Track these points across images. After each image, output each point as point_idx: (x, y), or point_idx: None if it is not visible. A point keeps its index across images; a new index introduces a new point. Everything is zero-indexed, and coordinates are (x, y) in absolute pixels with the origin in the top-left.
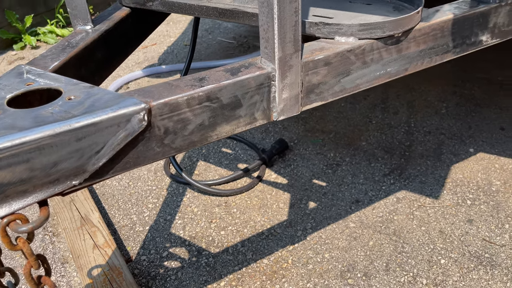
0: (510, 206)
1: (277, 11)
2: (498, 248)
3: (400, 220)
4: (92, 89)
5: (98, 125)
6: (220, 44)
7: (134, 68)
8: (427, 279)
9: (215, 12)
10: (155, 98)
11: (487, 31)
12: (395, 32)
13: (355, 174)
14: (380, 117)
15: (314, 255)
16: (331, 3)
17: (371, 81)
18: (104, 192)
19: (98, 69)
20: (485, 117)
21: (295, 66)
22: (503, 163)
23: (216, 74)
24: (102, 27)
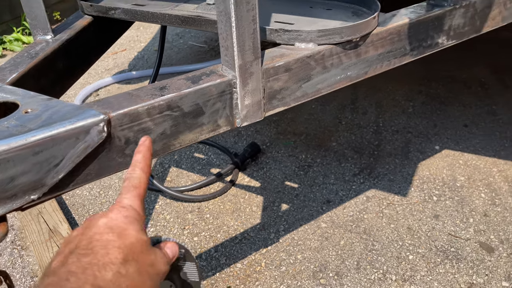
0: (474, 200)
1: (235, 19)
2: (463, 242)
3: (370, 219)
4: (50, 102)
5: (56, 138)
6: (191, 49)
7: (104, 75)
8: (396, 275)
9: (177, 20)
10: (115, 108)
11: (442, 33)
12: (353, 37)
13: (326, 175)
14: (350, 118)
15: (287, 257)
16: (292, 8)
17: (332, 85)
18: (74, 203)
19: (59, 79)
20: (450, 115)
21: (255, 73)
22: (467, 159)
23: (177, 82)
24: (63, 36)
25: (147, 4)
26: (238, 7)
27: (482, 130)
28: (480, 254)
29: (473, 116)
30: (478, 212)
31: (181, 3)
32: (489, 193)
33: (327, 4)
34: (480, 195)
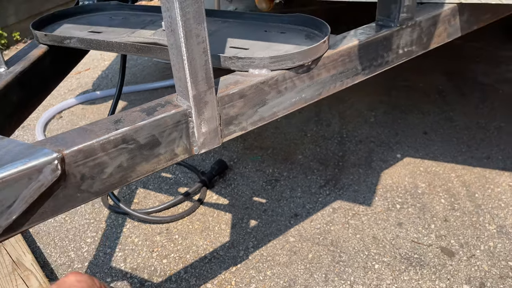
0: (434, 206)
1: (185, 52)
2: (425, 248)
3: (337, 230)
4: (2, 141)
5: (7, 180)
6: (156, 66)
7: (67, 96)
8: (363, 286)
9: (133, 48)
10: (68, 145)
11: (392, 52)
12: (305, 62)
13: (293, 188)
14: (315, 130)
15: (256, 274)
16: (248, 33)
17: (287, 108)
18: (39, 231)
19: (13, 113)
20: (410, 123)
21: (210, 102)
22: (427, 166)
23: (132, 115)
24: (17, 68)
25: (104, 31)
26: (188, 40)
27: (440, 137)
28: (442, 259)
29: (432, 123)
30: (439, 217)
31: (138, 29)
32: (448, 199)
33: (281, 27)
34: (440, 201)
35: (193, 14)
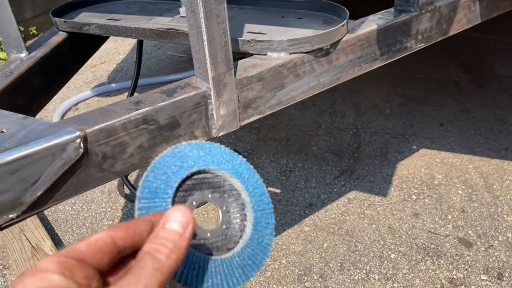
0: (451, 197)
1: (206, 33)
2: (442, 239)
3: (352, 220)
4: (26, 120)
5: (32, 157)
6: (171, 59)
7: (83, 88)
8: (379, 274)
9: (152, 34)
10: (91, 124)
11: (410, 37)
12: (323, 45)
13: (308, 179)
14: (329, 121)
15: (271, 262)
16: (265, 18)
17: (306, 92)
18: (57, 218)
19: (35, 97)
20: (426, 114)
21: (229, 84)
22: (444, 157)
23: (152, 96)
24: (38, 53)
25: (122, 19)
26: (209, 20)
27: (457, 128)
28: (459, 250)
29: (449, 115)
30: (456, 208)
31: (155, 16)
32: (466, 190)
33: (299, 13)
34: (457, 192)
35: None
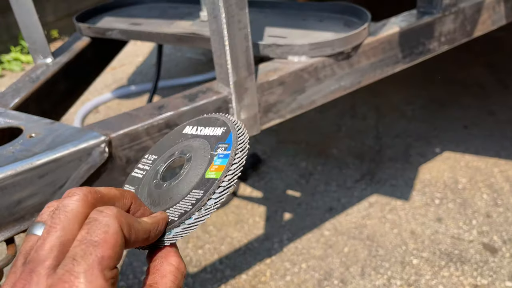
0: (476, 202)
1: (227, 38)
2: (466, 244)
3: (373, 224)
4: (53, 125)
5: (60, 161)
6: (190, 61)
7: (103, 91)
8: (401, 280)
9: (173, 38)
10: (115, 129)
11: (433, 40)
12: (345, 49)
13: (328, 182)
14: (349, 124)
15: (291, 266)
16: (286, 21)
17: (326, 96)
18: None
19: (60, 101)
20: (449, 116)
21: (250, 89)
22: (468, 161)
23: (175, 101)
24: (63, 59)
25: (143, 23)
26: (230, 26)
27: (482, 131)
28: (484, 256)
29: (473, 117)
30: (481, 213)
31: (176, 20)
32: (491, 194)
33: (319, 16)
34: (482, 196)
35: (236, 0)
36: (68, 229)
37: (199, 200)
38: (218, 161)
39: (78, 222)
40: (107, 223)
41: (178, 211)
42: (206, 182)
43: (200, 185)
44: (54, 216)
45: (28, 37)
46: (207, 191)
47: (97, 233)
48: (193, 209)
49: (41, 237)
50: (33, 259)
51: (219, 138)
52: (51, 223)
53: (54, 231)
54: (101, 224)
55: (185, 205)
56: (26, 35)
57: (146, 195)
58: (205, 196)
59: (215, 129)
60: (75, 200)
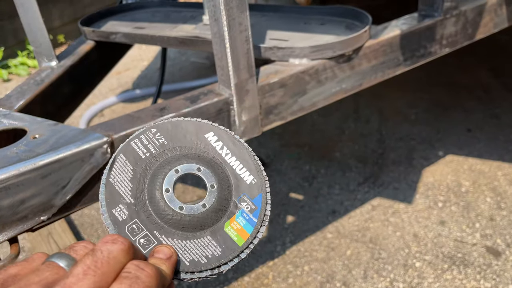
0: (479, 205)
1: (228, 40)
2: (470, 247)
3: (376, 227)
4: (57, 126)
5: (63, 161)
6: (193, 65)
7: (108, 95)
8: (403, 283)
9: (176, 42)
10: (117, 131)
11: (435, 42)
12: (345, 51)
13: (331, 185)
14: (353, 127)
15: (293, 268)
16: (287, 25)
17: (327, 98)
18: (83, 222)
19: (65, 104)
20: (453, 120)
21: (251, 91)
22: (471, 164)
23: (177, 103)
24: (67, 62)
25: (147, 27)
26: (231, 29)
27: (485, 135)
28: (487, 259)
29: (476, 120)
30: (484, 216)
31: (179, 24)
32: (494, 197)
33: (321, 19)
34: (485, 200)
35: (236, 3)
36: (107, 277)
37: (215, 258)
38: (241, 220)
39: (116, 271)
40: (149, 284)
41: (190, 255)
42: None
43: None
44: (95, 259)
45: (33, 40)
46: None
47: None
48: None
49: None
50: None
51: (246, 188)
52: (90, 265)
53: (92, 274)
54: (143, 285)
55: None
56: (31, 38)
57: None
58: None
59: (243, 171)
60: (119, 250)
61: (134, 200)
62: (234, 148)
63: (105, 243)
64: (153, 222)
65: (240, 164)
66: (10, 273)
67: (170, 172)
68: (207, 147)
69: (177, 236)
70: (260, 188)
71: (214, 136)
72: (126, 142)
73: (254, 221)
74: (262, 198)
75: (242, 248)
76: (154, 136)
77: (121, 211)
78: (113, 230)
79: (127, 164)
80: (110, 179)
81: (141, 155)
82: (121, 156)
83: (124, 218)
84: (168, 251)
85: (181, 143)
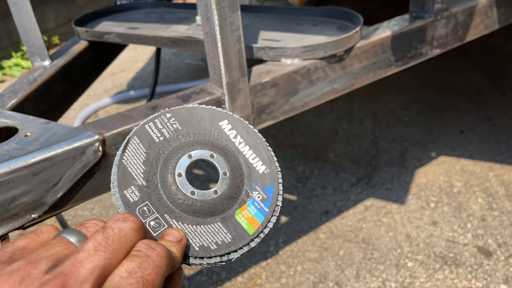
0: (471, 206)
1: (220, 40)
2: (461, 247)
3: (369, 228)
4: (48, 125)
5: (54, 159)
6: (188, 67)
7: (103, 96)
8: (395, 283)
9: (169, 42)
10: (109, 129)
11: (426, 43)
12: (337, 51)
13: (324, 186)
14: (346, 129)
15: (286, 268)
16: (280, 26)
17: (319, 98)
18: (76, 223)
19: (57, 103)
20: (445, 122)
21: (243, 90)
22: (463, 165)
23: (169, 101)
24: (60, 62)
25: (140, 27)
26: (223, 28)
27: (478, 136)
28: (479, 259)
29: (469, 122)
30: (476, 217)
31: (173, 25)
32: (486, 198)
33: (313, 20)
34: (477, 200)
35: (228, 3)
36: (117, 253)
37: (224, 245)
38: (252, 209)
39: (127, 249)
40: (160, 264)
41: (200, 240)
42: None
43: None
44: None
45: (26, 40)
46: (235, 241)
47: (149, 272)
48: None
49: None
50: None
51: (258, 177)
52: (101, 241)
53: (102, 250)
54: (154, 264)
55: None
56: (24, 38)
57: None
58: (232, 246)
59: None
60: (130, 228)
61: (146, 183)
62: (248, 137)
63: (116, 221)
64: (164, 205)
65: (253, 154)
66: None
67: (183, 157)
68: (221, 134)
69: (187, 221)
70: (272, 179)
71: (228, 125)
72: (141, 125)
73: (265, 210)
74: (274, 188)
75: (252, 236)
76: (168, 120)
77: (132, 193)
78: (124, 210)
79: (141, 147)
80: (123, 160)
81: (155, 138)
82: (135, 138)
83: (136, 199)
84: (179, 234)
85: (195, 129)
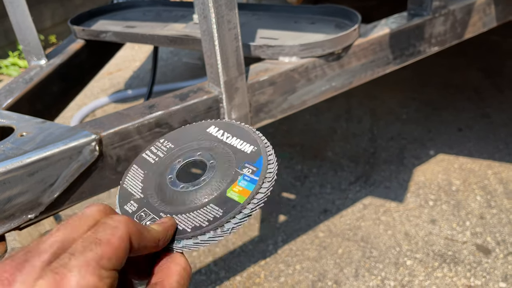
0: (469, 204)
1: (217, 38)
2: (460, 245)
3: (367, 226)
4: (44, 124)
5: (50, 159)
6: (186, 66)
7: (100, 95)
8: (394, 281)
9: (166, 40)
10: (106, 128)
11: (424, 41)
12: (335, 49)
13: (323, 185)
14: (345, 127)
15: (285, 267)
16: (278, 24)
17: (317, 96)
18: None
19: (54, 102)
20: (444, 119)
21: (241, 88)
22: (462, 163)
23: (166, 100)
24: (57, 61)
25: (138, 26)
26: (220, 26)
27: (476, 134)
28: (478, 257)
29: (467, 120)
30: (474, 215)
31: (170, 23)
32: (484, 196)
33: (311, 18)
34: (475, 198)
35: (225, 1)
36: (75, 228)
37: (216, 219)
38: (243, 183)
39: (88, 224)
40: (116, 226)
41: (192, 222)
42: (227, 202)
43: (220, 202)
44: (69, 219)
45: (22, 39)
46: (227, 212)
47: (102, 233)
48: (210, 226)
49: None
50: (31, 249)
51: (247, 156)
52: (64, 223)
53: (63, 228)
54: (109, 226)
55: (201, 219)
56: (20, 37)
57: (156, 187)
58: (224, 217)
59: (243, 144)
60: (94, 210)
61: (143, 195)
62: (235, 130)
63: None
64: (160, 206)
65: (241, 140)
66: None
67: (173, 164)
68: (209, 137)
69: (181, 211)
70: (260, 152)
71: (215, 128)
72: (139, 155)
73: (255, 179)
74: (263, 159)
75: (244, 204)
76: (162, 144)
77: (131, 205)
78: None
79: (139, 171)
80: (124, 185)
81: (151, 161)
82: (134, 165)
83: (134, 209)
84: (164, 218)
85: (186, 142)
